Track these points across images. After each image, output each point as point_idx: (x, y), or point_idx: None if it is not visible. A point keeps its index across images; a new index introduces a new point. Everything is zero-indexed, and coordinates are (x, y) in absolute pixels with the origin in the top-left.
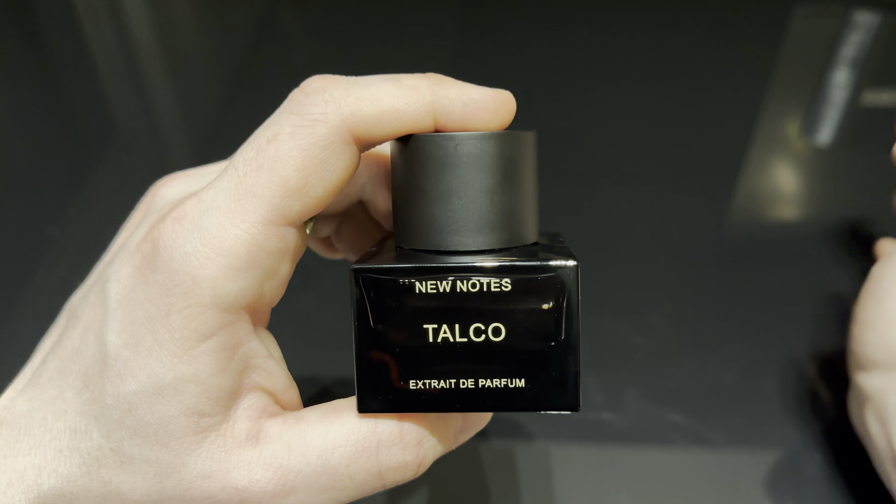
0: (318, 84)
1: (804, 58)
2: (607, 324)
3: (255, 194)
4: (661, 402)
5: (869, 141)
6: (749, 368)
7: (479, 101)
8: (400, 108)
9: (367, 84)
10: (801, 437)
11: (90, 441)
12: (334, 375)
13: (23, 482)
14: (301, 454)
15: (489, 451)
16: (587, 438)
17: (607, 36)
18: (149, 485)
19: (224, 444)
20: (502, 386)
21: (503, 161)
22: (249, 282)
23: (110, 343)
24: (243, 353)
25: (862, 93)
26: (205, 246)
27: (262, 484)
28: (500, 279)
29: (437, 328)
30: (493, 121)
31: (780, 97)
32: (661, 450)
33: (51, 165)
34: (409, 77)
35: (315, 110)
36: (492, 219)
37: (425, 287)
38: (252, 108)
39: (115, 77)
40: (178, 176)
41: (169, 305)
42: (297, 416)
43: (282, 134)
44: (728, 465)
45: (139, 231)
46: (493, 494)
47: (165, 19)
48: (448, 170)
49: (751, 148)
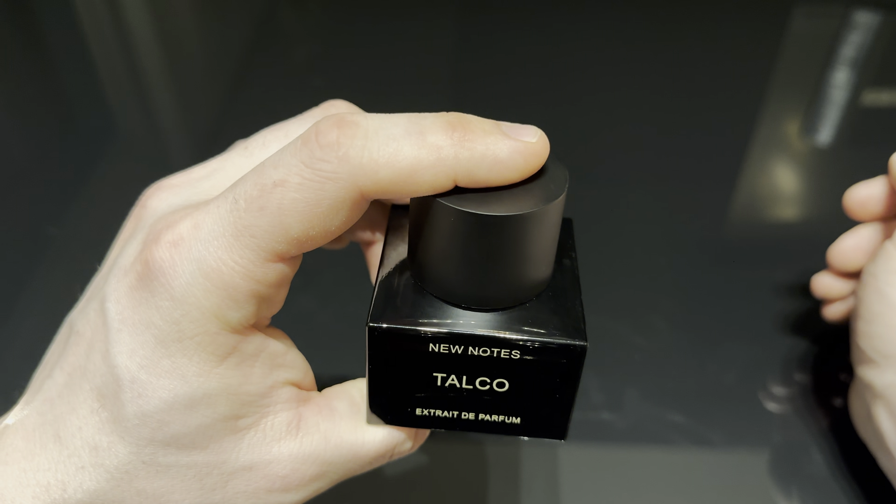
0: (333, 136)
1: (804, 58)
2: (607, 324)
3: (253, 234)
4: (661, 402)
5: (869, 141)
6: (749, 368)
7: (507, 161)
8: (418, 172)
9: (386, 141)
10: (801, 437)
11: (116, 458)
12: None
13: (48, 495)
14: (335, 446)
15: (489, 451)
16: (587, 438)
17: (607, 35)
18: (188, 484)
19: (264, 437)
20: (499, 420)
21: (529, 237)
22: (250, 309)
23: (121, 366)
24: (265, 358)
25: (862, 93)
26: (205, 279)
27: (301, 472)
28: (511, 350)
29: (445, 377)
30: (520, 178)
31: (780, 97)
32: (661, 450)
33: (51, 165)
34: (432, 130)
35: (327, 167)
36: (511, 282)
37: (438, 348)
38: (252, 108)
39: (115, 77)
40: (167, 186)
41: (179, 332)
42: (329, 406)
43: (289, 182)
44: (728, 465)
45: (132, 248)
46: (494, 494)
47: (165, 19)
48: (470, 243)
49: (751, 148)
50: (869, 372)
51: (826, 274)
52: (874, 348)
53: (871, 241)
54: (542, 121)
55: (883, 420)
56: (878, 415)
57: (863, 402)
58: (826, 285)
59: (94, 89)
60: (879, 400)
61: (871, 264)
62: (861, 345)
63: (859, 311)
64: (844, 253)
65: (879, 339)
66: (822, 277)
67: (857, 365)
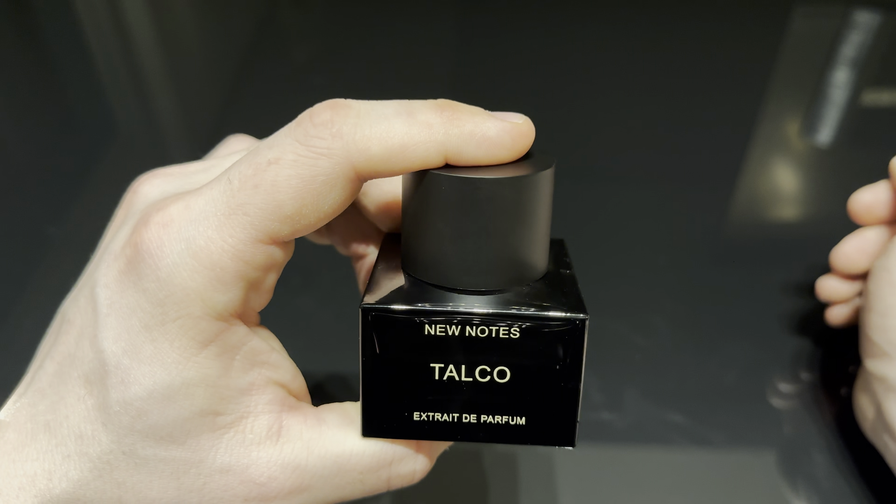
0: (327, 116)
1: (804, 58)
2: (607, 324)
3: (246, 213)
4: (661, 402)
5: (869, 141)
6: (749, 368)
7: (495, 139)
8: (409, 147)
9: (378, 119)
10: (801, 436)
11: (99, 446)
12: (335, 376)
13: (34, 486)
14: (318, 456)
15: (489, 451)
16: (587, 438)
17: (607, 35)
18: (166, 482)
19: (243, 440)
20: (503, 422)
21: (520, 205)
22: (236, 294)
23: (108, 351)
24: (246, 353)
25: (862, 93)
26: (192, 258)
27: (280, 481)
28: (510, 326)
29: (443, 367)
30: (508, 157)
31: (780, 97)
32: (661, 450)
33: (51, 165)
34: (421, 110)
35: (321, 144)
36: (504, 260)
37: (434, 329)
38: (252, 108)
39: (115, 77)
40: (160, 174)
41: (163, 315)
42: (317, 415)
43: (284, 159)
44: (728, 465)
45: (122, 233)
46: (494, 494)
47: (165, 19)
48: (463, 213)
49: (751, 148)
50: (882, 365)
51: (830, 277)
52: (889, 341)
53: (874, 243)
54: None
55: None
56: (890, 408)
57: (871, 398)
58: (831, 288)
59: (93, 89)
60: (893, 393)
61: (883, 259)
62: (874, 338)
63: (872, 305)
64: (849, 255)
65: (895, 331)
66: (827, 280)
67: (868, 359)
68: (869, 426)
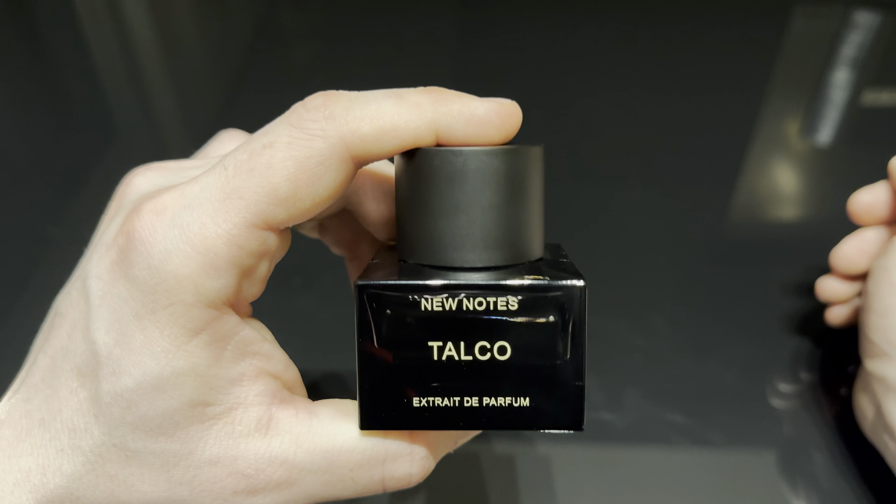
0: (319, 101)
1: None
2: (607, 324)
3: (241, 196)
4: (661, 402)
5: (869, 141)
6: (749, 368)
7: (483, 117)
8: (400, 126)
9: (368, 101)
10: (801, 437)
11: (91, 439)
12: (334, 375)
13: (28, 481)
14: (307, 451)
15: (489, 451)
16: (587, 438)
17: (607, 35)
18: (156, 474)
19: (232, 431)
20: (506, 405)
21: (510, 177)
22: (229, 280)
23: (99, 341)
24: (237, 342)
25: (862, 93)
26: (185, 243)
27: (267, 474)
28: (508, 297)
29: (441, 346)
30: (497, 136)
31: (780, 97)
32: (661, 450)
33: (51, 165)
34: (411, 93)
35: (314, 126)
36: (498, 235)
37: (431, 304)
38: (252, 108)
39: (115, 77)
40: (154, 167)
41: (153, 303)
42: (309, 409)
43: (278, 143)
44: (728, 465)
45: (114, 224)
46: (493, 494)
47: (165, 19)
48: (454, 185)
49: (751, 148)
50: (882, 365)
51: (830, 277)
52: (889, 341)
53: (874, 243)
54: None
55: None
56: (890, 408)
57: (871, 398)
58: (831, 288)
59: (93, 89)
60: (892, 393)
61: (882, 258)
62: (874, 338)
63: (871, 306)
64: (848, 256)
65: (894, 331)
66: (827, 281)
67: (867, 359)
68: (869, 426)
